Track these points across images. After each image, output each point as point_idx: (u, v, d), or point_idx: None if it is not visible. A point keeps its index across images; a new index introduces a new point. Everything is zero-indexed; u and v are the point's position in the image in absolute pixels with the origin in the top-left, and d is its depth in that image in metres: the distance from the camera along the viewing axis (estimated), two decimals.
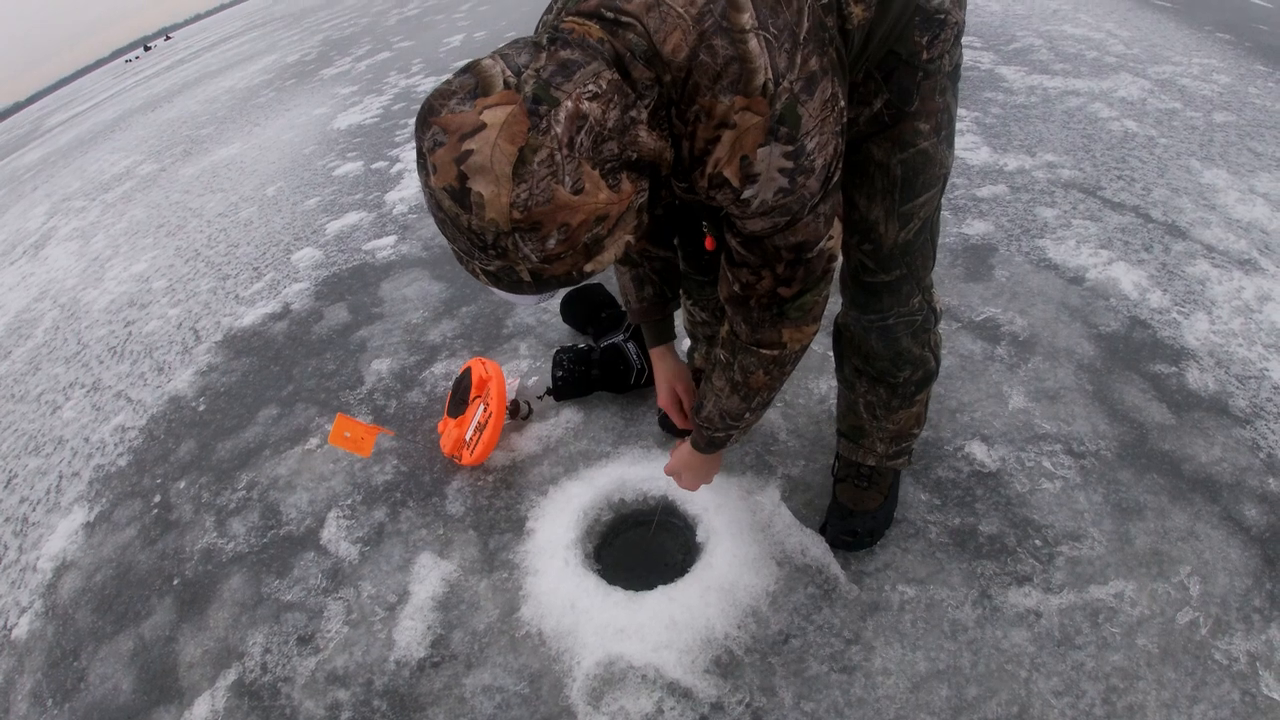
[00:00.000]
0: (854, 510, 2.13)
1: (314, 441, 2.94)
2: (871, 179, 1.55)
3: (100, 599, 2.58)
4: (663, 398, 2.05)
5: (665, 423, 2.56)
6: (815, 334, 1.50)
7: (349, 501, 2.62)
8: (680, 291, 2.17)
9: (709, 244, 1.69)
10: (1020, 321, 2.87)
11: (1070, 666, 1.82)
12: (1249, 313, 2.84)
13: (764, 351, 1.49)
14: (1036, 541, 2.10)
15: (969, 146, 4.27)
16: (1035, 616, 1.93)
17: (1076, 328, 2.82)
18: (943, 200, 1.71)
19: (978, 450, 2.37)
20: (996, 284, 3.10)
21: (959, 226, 3.52)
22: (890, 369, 1.87)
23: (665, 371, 2.04)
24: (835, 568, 2.08)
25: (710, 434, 1.74)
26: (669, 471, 1.98)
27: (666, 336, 2.04)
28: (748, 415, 1.65)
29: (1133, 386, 2.56)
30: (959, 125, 4.43)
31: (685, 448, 1.89)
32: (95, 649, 2.41)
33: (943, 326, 2.80)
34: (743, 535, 2.16)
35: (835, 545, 2.14)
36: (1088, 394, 2.54)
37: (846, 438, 2.14)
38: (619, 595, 2.06)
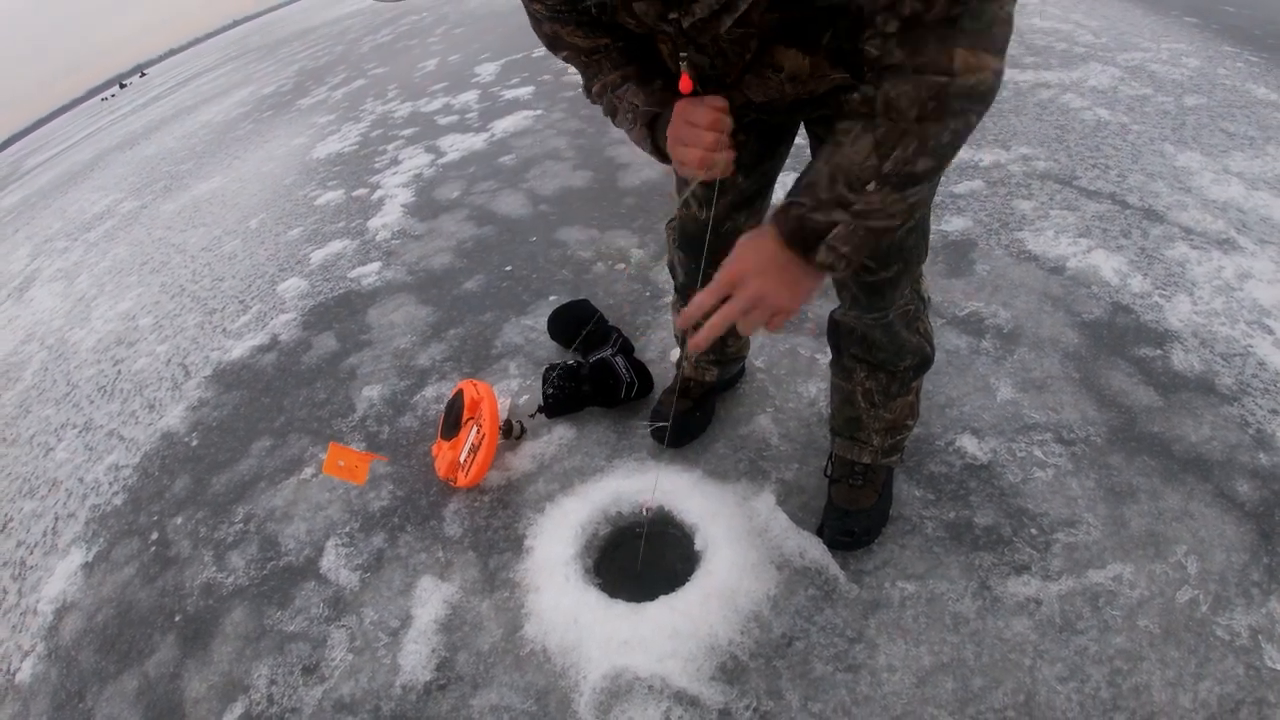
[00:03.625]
0: (850, 510, 2.14)
1: (309, 471, 2.94)
2: None
3: (103, 639, 2.57)
4: (711, 111, 1.32)
5: (657, 433, 2.57)
6: (997, 75, 1.10)
7: (347, 529, 2.62)
8: (674, 299, 2.24)
9: (684, 84, 1.34)
10: (1004, 314, 2.90)
11: (1073, 652, 1.83)
12: (1230, 291, 2.87)
13: (925, 78, 1.06)
14: (1032, 530, 2.12)
15: None
16: (1036, 604, 1.94)
17: (1060, 317, 2.85)
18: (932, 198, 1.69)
19: (969, 443, 2.39)
20: (978, 278, 3.13)
21: (938, 224, 3.55)
22: (890, 359, 1.92)
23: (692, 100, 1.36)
24: (834, 568, 2.09)
25: (804, 212, 1.15)
26: (723, 282, 1.23)
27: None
28: (871, 188, 1.12)
29: (1119, 371, 2.59)
30: None
31: (758, 239, 1.22)
32: (100, 689, 2.40)
33: None
34: (741, 541, 2.17)
35: (833, 546, 2.15)
36: (1075, 381, 2.57)
37: (842, 435, 2.17)
38: (621, 607, 2.07)
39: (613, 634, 2.01)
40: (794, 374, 2.76)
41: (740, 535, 2.19)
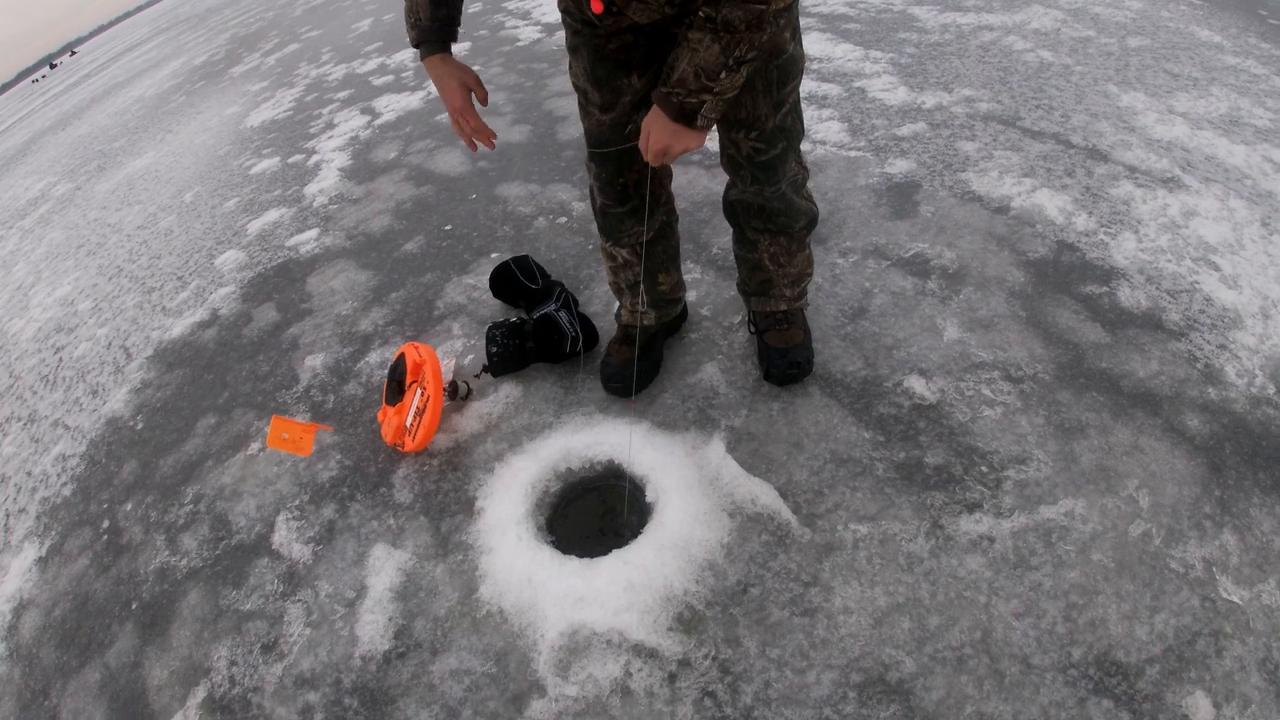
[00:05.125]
0: (788, 346, 2.44)
1: (255, 446, 2.90)
2: (753, 84, 1.90)
3: (62, 633, 2.53)
4: (455, 97, 1.99)
5: (611, 384, 2.56)
6: None
7: (296, 502, 2.59)
8: (601, 233, 2.43)
9: (596, 6, 1.76)
10: (949, 254, 2.90)
11: (1028, 588, 1.85)
12: (1176, 229, 2.89)
13: (750, 5, 1.51)
14: (983, 468, 2.13)
15: (886, 88, 4.30)
16: (989, 542, 1.96)
17: (1005, 256, 2.86)
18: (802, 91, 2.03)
19: (916, 384, 2.40)
20: (922, 220, 3.13)
21: (882, 166, 3.55)
22: (789, 222, 2.25)
23: (451, 71, 1.99)
24: (787, 513, 2.10)
25: (681, 99, 1.67)
26: (655, 154, 1.81)
27: (448, 48, 2.00)
28: (723, 76, 1.61)
29: (1065, 309, 2.60)
30: (875, 67, 4.48)
31: (657, 120, 1.77)
32: (64, 685, 2.37)
33: (871, 264, 2.89)
34: (691, 491, 2.17)
35: (783, 381, 2.45)
36: (1021, 320, 2.58)
37: (757, 295, 2.49)
38: (575, 564, 2.06)
39: (568, 591, 2.01)
40: (740, 322, 2.75)
41: (691, 485, 2.19)
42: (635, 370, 2.52)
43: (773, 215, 2.22)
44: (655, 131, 1.77)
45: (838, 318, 2.69)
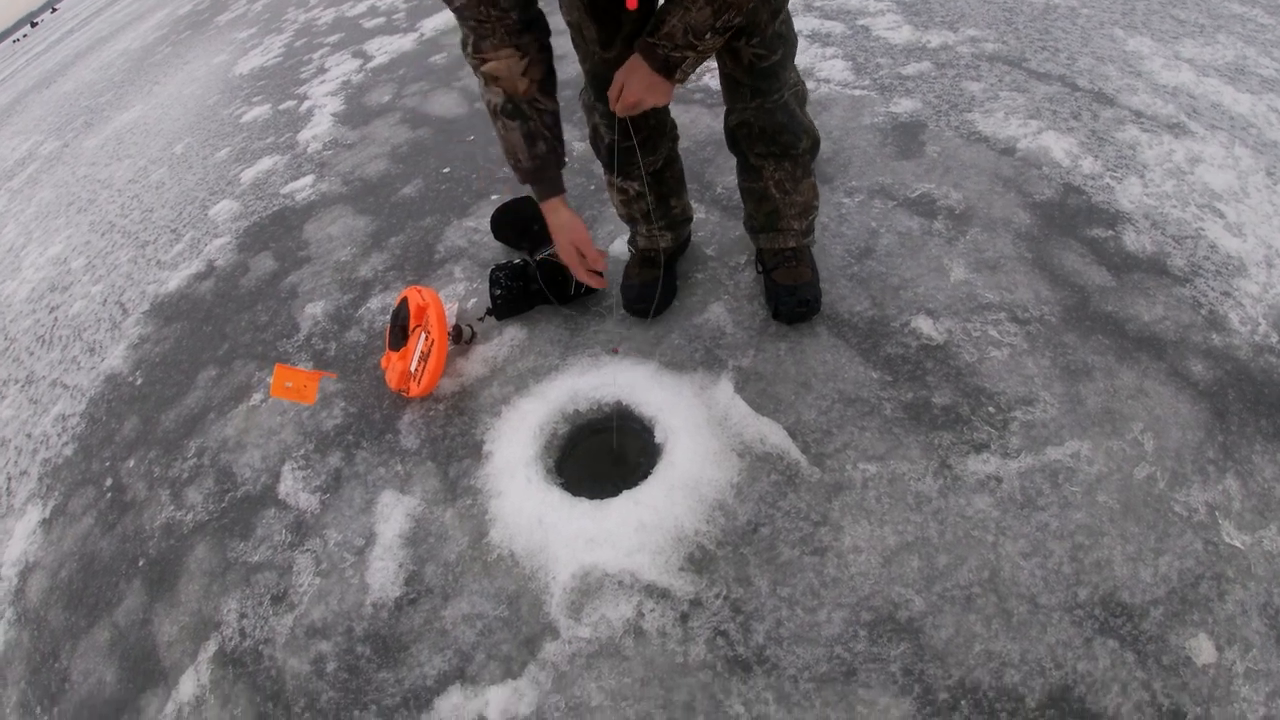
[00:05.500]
0: (796, 284, 2.42)
1: (257, 397, 2.88)
2: None
3: (69, 595, 2.54)
4: (564, 251, 2.18)
5: (635, 306, 2.60)
6: None
7: (301, 452, 2.58)
8: (609, 170, 2.45)
9: (631, 2, 1.78)
10: (955, 195, 2.86)
11: (1035, 528, 1.85)
12: (1181, 175, 2.84)
13: None
14: (990, 409, 2.12)
15: (890, 26, 4.22)
16: (996, 482, 1.95)
17: (1011, 198, 2.82)
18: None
19: (924, 324, 2.38)
20: (928, 160, 3.08)
21: (887, 105, 3.48)
22: (793, 140, 2.22)
23: (563, 224, 2.15)
24: (795, 453, 2.09)
25: (667, 52, 1.77)
26: (628, 105, 1.91)
27: (559, 189, 2.14)
28: (709, 37, 1.72)
29: (1071, 252, 2.57)
30: (879, 5, 4.40)
31: (634, 60, 1.86)
32: (73, 646, 2.37)
33: (878, 204, 2.86)
34: (700, 431, 2.16)
35: (791, 320, 2.44)
36: (1027, 262, 2.55)
37: (764, 231, 2.47)
38: (585, 505, 2.06)
39: (578, 532, 2.01)
40: (747, 262, 2.73)
41: (700, 425, 2.18)
42: (653, 290, 2.58)
43: (776, 135, 2.20)
44: (633, 83, 1.86)
45: (844, 258, 2.66)
